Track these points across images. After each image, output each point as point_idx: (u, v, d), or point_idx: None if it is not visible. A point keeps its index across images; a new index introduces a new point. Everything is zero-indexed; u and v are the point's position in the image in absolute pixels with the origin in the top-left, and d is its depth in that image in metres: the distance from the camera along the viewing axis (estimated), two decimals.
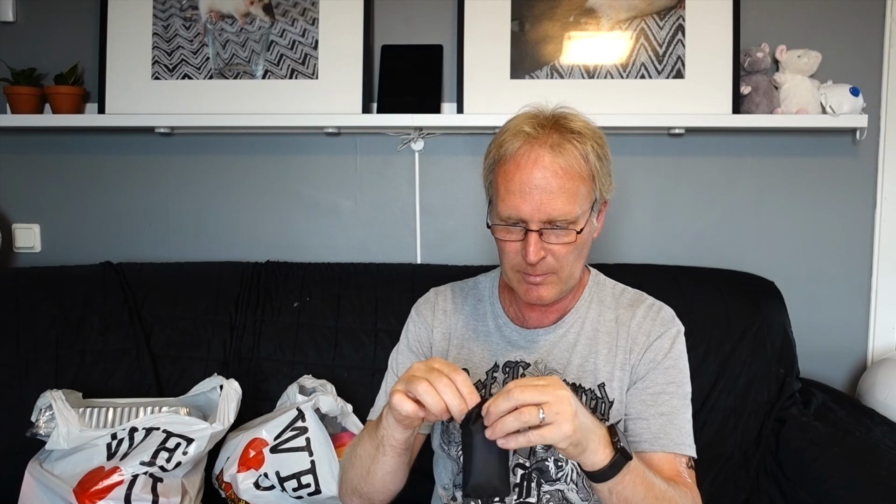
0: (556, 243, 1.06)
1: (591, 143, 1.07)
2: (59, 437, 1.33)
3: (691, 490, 1.07)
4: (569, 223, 1.05)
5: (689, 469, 1.10)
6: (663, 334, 1.14)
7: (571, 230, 1.05)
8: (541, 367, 1.14)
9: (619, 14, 1.84)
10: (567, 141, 1.05)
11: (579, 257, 1.11)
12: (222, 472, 1.44)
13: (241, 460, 1.41)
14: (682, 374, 1.14)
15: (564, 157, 1.04)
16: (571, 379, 1.13)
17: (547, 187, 1.03)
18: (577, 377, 1.13)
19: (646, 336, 1.14)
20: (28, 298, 1.67)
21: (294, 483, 1.39)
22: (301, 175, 1.97)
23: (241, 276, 1.76)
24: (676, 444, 1.09)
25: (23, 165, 1.99)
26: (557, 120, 1.09)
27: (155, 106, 1.89)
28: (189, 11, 1.90)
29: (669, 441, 1.09)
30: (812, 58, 1.80)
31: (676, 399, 1.12)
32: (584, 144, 1.06)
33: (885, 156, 1.88)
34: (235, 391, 1.44)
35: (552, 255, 1.07)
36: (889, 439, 1.43)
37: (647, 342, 1.14)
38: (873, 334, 1.92)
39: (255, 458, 1.41)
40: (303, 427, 1.43)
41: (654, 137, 1.92)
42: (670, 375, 1.13)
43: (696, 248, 1.93)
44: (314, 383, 1.56)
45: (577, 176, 1.05)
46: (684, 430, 1.11)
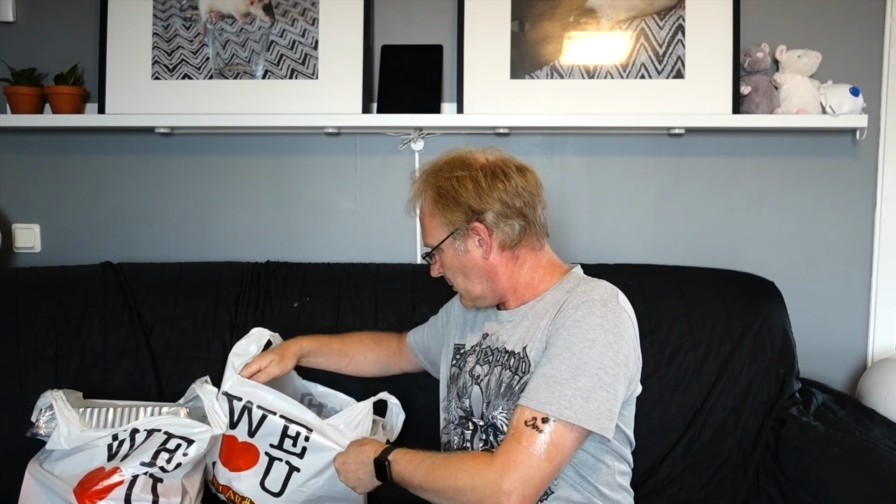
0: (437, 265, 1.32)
1: (431, 187, 1.27)
2: (59, 437, 1.33)
3: (500, 457, 1.09)
4: (431, 249, 1.30)
5: (529, 427, 1.09)
6: (581, 304, 1.17)
7: (433, 256, 1.31)
8: (493, 338, 1.30)
9: (619, 14, 1.84)
10: (422, 187, 1.30)
11: (467, 277, 1.28)
12: (215, 477, 1.44)
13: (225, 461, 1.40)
14: (581, 345, 1.13)
15: (418, 201, 1.31)
16: (510, 347, 1.25)
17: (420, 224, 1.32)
18: (514, 345, 1.25)
19: (566, 304, 1.19)
20: (28, 298, 1.67)
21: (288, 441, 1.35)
22: (301, 175, 1.97)
23: (241, 276, 1.76)
24: (539, 402, 1.10)
25: (23, 165, 1.99)
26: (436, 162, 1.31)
27: (155, 106, 1.89)
28: (189, 11, 1.90)
29: (533, 398, 1.12)
30: (812, 58, 1.80)
31: (565, 364, 1.12)
32: (428, 189, 1.28)
33: (885, 156, 1.88)
34: None
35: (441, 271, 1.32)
36: (889, 439, 1.43)
37: (565, 308, 1.19)
38: (873, 334, 1.92)
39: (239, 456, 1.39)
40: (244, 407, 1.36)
41: (654, 137, 1.92)
42: (568, 342, 1.14)
43: (696, 248, 1.93)
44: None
45: (424, 215, 1.30)
46: (559, 394, 1.10)
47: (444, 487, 1.13)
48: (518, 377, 1.21)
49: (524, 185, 1.24)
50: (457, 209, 1.23)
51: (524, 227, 1.24)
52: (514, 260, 1.26)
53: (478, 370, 1.30)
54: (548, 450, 1.08)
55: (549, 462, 1.09)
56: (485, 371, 1.28)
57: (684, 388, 1.62)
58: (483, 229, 1.23)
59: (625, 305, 1.21)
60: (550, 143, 1.93)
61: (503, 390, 1.23)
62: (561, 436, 1.09)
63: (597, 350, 1.13)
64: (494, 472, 1.08)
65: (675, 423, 1.60)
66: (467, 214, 1.23)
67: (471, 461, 1.13)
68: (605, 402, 1.11)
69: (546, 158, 1.94)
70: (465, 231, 1.24)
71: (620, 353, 1.14)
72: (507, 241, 1.24)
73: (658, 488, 1.56)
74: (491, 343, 1.30)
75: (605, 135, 1.93)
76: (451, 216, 1.24)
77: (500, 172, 1.24)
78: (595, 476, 1.21)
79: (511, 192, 1.23)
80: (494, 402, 1.24)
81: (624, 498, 1.26)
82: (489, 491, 1.07)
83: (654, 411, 1.60)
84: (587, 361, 1.12)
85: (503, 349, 1.26)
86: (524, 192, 1.24)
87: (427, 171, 1.31)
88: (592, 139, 1.93)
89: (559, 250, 1.35)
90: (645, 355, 1.61)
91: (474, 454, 1.19)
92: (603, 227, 1.95)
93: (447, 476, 1.13)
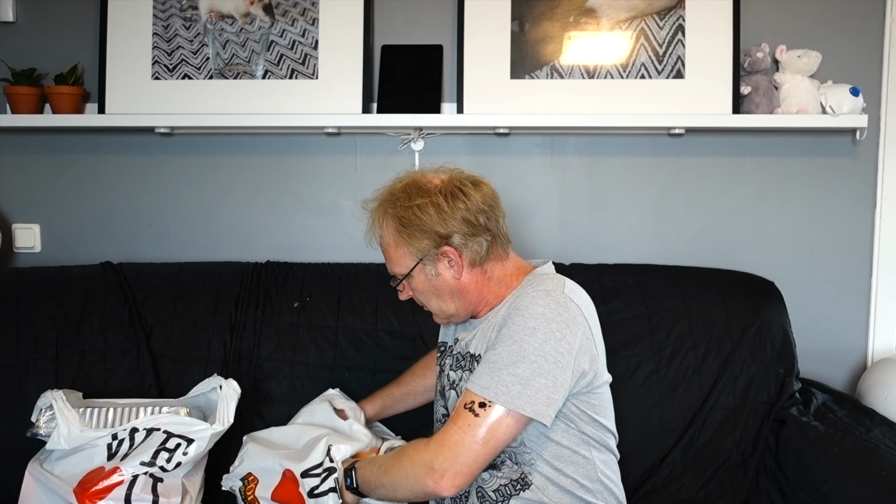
0: (406, 290, 1.31)
1: (389, 218, 1.26)
2: (59, 437, 1.33)
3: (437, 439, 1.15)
4: (398, 278, 1.30)
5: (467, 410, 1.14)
6: (525, 296, 1.21)
7: (401, 283, 1.30)
8: (462, 344, 1.33)
9: (619, 14, 1.84)
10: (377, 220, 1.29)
11: (441, 298, 1.29)
12: (253, 485, 1.42)
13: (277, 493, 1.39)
14: (523, 332, 1.16)
15: (377, 234, 1.30)
16: (473, 350, 1.28)
17: (382, 250, 1.31)
18: (476, 348, 1.28)
19: (516, 299, 1.23)
20: (28, 298, 1.67)
21: None
22: (301, 175, 1.97)
23: (241, 276, 1.76)
24: (478, 387, 1.15)
25: (23, 165, 1.99)
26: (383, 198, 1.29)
27: (155, 106, 1.89)
28: (189, 11, 1.90)
29: (473, 383, 1.17)
30: (812, 58, 1.80)
31: (506, 351, 1.16)
32: (387, 222, 1.27)
33: (885, 156, 1.88)
34: (234, 391, 1.43)
35: (413, 295, 1.32)
36: (889, 439, 1.43)
37: (514, 303, 1.22)
38: (873, 334, 1.92)
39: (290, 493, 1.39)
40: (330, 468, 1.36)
41: (654, 137, 1.92)
42: (512, 330, 1.17)
43: (696, 248, 1.93)
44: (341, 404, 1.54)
45: (386, 245, 1.29)
46: (497, 378, 1.14)
47: (392, 478, 1.20)
48: None
49: (483, 199, 1.25)
50: (422, 237, 1.23)
51: (490, 242, 1.25)
52: (483, 274, 1.27)
53: (452, 374, 1.33)
54: (481, 433, 1.13)
55: (483, 445, 1.13)
56: (457, 376, 1.31)
57: (684, 388, 1.62)
58: (452, 251, 1.24)
59: (571, 295, 1.21)
60: (550, 142, 1.94)
61: None
62: (497, 420, 1.13)
63: (537, 338, 1.15)
64: (430, 451, 1.15)
65: (675, 423, 1.60)
66: (434, 240, 1.23)
67: (412, 447, 1.21)
68: (542, 388, 1.14)
69: (546, 158, 1.94)
70: (434, 256, 1.24)
71: (563, 342, 1.16)
72: (477, 258, 1.25)
73: (658, 488, 1.56)
74: (461, 349, 1.33)
75: (605, 135, 1.93)
76: (417, 244, 1.24)
77: (458, 192, 1.24)
78: (572, 469, 1.22)
79: (473, 209, 1.24)
80: None
81: (609, 490, 1.26)
82: (423, 469, 1.14)
83: (654, 411, 1.60)
84: (526, 349, 1.15)
85: (468, 353, 1.29)
86: (485, 206, 1.25)
87: (382, 200, 1.29)
88: (592, 139, 1.93)
89: (559, 250, 1.35)
90: (645, 355, 1.63)
91: (416, 441, 1.23)
92: (603, 227, 1.95)
93: (393, 465, 1.20)
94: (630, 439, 1.33)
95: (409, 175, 1.30)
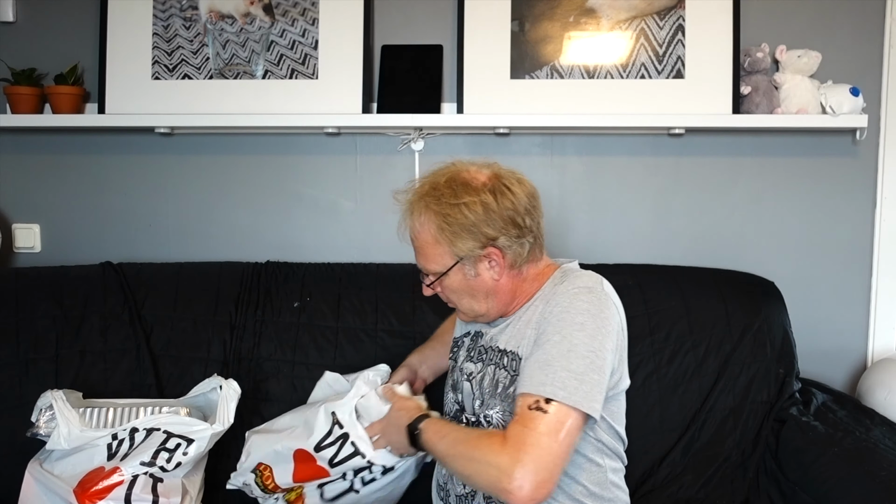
0: (436, 288, 1.27)
1: (432, 216, 1.21)
2: (59, 437, 1.33)
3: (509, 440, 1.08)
4: (429, 274, 1.26)
5: (538, 412, 1.08)
6: (567, 291, 1.18)
7: (433, 279, 1.25)
8: (488, 337, 1.30)
9: (619, 14, 1.84)
10: (417, 213, 1.23)
11: (473, 297, 1.25)
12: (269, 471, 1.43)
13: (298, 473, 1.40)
14: (571, 328, 1.14)
15: (413, 225, 1.24)
16: (503, 346, 1.25)
17: (413, 243, 1.27)
18: (506, 343, 1.25)
19: (554, 296, 1.20)
20: (28, 298, 1.67)
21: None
22: (301, 175, 1.97)
23: (241, 276, 1.76)
24: (536, 385, 1.10)
25: (23, 165, 1.99)
26: (425, 189, 1.24)
27: (155, 106, 1.89)
28: (189, 11, 1.90)
29: (531, 382, 1.12)
30: (812, 58, 1.80)
31: (556, 348, 1.12)
32: (427, 218, 1.21)
33: (885, 156, 1.88)
34: (234, 391, 1.43)
35: (443, 294, 1.28)
36: (889, 439, 1.43)
37: (552, 299, 1.19)
38: (873, 334, 1.92)
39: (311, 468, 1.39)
40: (343, 434, 1.37)
41: (654, 137, 1.92)
42: (557, 327, 1.15)
43: (696, 248, 1.93)
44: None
45: (423, 241, 1.23)
46: (552, 375, 1.10)
47: (464, 464, 1.13)
48: (512, 376, 1.21)
49: (528, 199, 1.23)
50: (468, 238, 1.19)
51: (532, 244, 1.23)
52: (519, 275, 1.25)
53: (469, 367, 1.31)
54: (555, 429, 1.07)
55: (560, 444, 1.07)
56: (477, 369, 1.29)
57: (684, 388, 1.62)
58: (497, 253, 1.20)
59: (610, 293, 1.21)
60: (550, 142, 1.93)
61: (500, 390, 1.23)
62: (564, 415, 1.08)
63: (586, 333, 1.13)
64: (507, 456, 1.06)
65: (675, 423, 1.60)
66: (480, 242, 1.19)
67: (486, 439, 1.12)
68: (596, 384, 1.11)
69: (546, 158, 1.94)
70: (476, 257, 1.20)
71: (608, 339, 1.15)
72: (518, 260, 1.22)
73: (658, 488, 1.56)
74: (485, 342, 1.30)
75: (605, 135, 1.93)
76: (461, 245, 1.19)
77: (506, 190, 1.21)
78: (584, 475, 1.21)
79: (520, 210, 1.21)
80: (489, 401, 1.24)
81: (617, 496, 1.26)
82: (501, 476, 1.05)
83: (654, 411, 1.60)
84: (578, 344, 1.12)
85: (496, 348, 1.27)
86: (529, 206, 1.22)
87: (423, 193, 1.24)
88: (592, 139, 1.93)
89: (559, 250, 1.35)
90: (645, 355, 1.63)
91: (490, 433, 1.16)
92: (603, 227, 1.95)
93: (465, 451, 1.13)
94: (630, 439, 1.33)
95: (451, 168, 1.26)
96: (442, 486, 1.34)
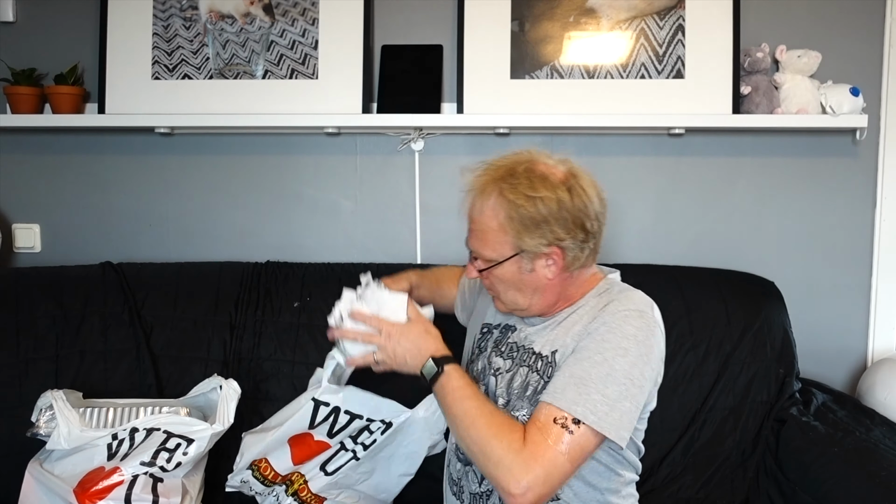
0: (484, 274, 1.22)
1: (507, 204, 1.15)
2: (59, 437, 1.33)
3: (530, 446, 1.06)
4: (483, 260, 1.20)
5: (563, 430, 1.07)
6: (616, 312, 1.16)
7: (485, 265, 1.20)
8: (521, 335, 1.26)
9: (619, 14, 1.84)
10: (487, 197, 1.17)
11: (519, 291, 1.21)
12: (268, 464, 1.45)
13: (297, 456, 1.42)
14: (614, 351, 1.12)
15: (479, 207, 1.19)
16: (538, 349, 1.22)
17: (471, 226, 1.21)
18: (542, 347, 1.22)
19: (602, 312, 1.17)
20: (28, 298, 1.67)
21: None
22: (301, 175, 1.97)
23: (241, 276, 1.76)
24: (566, 401, 1.09)
25: (23, 165, 1.99)
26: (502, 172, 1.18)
27: (155, 106, 1.89)
28: (189, 11, 1.90)
29: (560, 397, 1.10)
30: (812, 58, 1.80)
31: (596, 368, 1.10)
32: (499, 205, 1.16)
33: (885, 156, 1.88)
34: (234, 391, 1.43)
35: (488, 279, 1.23)
36: (889, 439, 1.43)
37: (600, 314, 1.17)
38: (873, 334, 1.92)
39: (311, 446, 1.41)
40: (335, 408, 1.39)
41: (654, 137, 1.92)
42: (600, 347, 1.12)
43: (696, 248, 1.93)
44: None
45: (486, 227, 1.18)
46: (586, 397, 1.08)
47: (476, 441, 1.10)
48: (545, 381, 1.18)
49: (599, 203, 1.19)
50: (536, 233, 1.15)
51: (591, 250, 1.19)
52: (570, 278, 1.21)
53: (497, 361, 1.27)
54: (572, 450, 1.07)
55: (572, 464, 1.08)
56: (506, 366, 1.25)
57: (684, 388, 1.62)
58: (559, 253, 1.16)
59: (658, 319, 1.19)
60: (550, 142, 1.93)
61: (529, 393, 1.19)
62: (586, 439, 1.08)
63: (628, 360, 1.11)
64: (522, 461, 1.06)
65: (675, 423, 1.60)
66: (548, 239, 1.15)
67: (507, 432, 1.09)
68: (627, 412, 1.10)
69: None
70: (537, 253, 1.16)
71: (648, 367, 1.13)
72: (575, 264, 1.18)
73: (658, 488, 1.56)
74: (518, 339, 1.26)
75: (605, 135, 1.93)
76: (527, 239, 1.15)
77: (581, 190, 1.17)
78: (605, 484, 1.21)
79: (590, 214, 1.17)
80: (516, 402, 1.20)
81: (629, 502, 1.26)
82: (509, 475, 1.05)
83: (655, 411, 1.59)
84: (617, 369, 1.10)
85: (530, 349, 1.23)
86: (600, 213, 1.19)
87: (498, 177, 1.18)
88: (592, 139, 1.93)
89: None
90: None
91: (514, 426, 1.11)
92: None
93: (483, 431, 1.10)
94: None
95: (528, 156, 1.20)
96: (456, 482, 1.32)
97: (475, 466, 1.22)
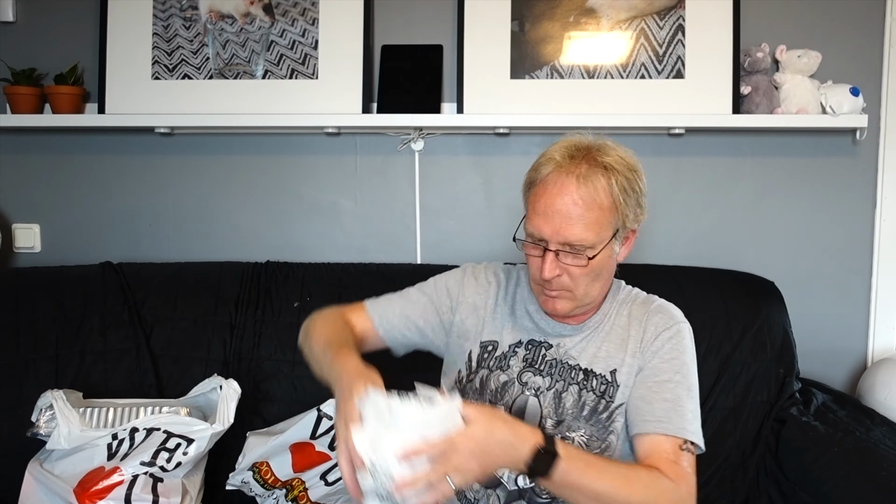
0: (571, 265, 1.14)
1: (618, 176, 1.13)
2: (59, 436, 1.33)
3: (678, 477, 1.08)
4: (585, 248, 1.13)
5: (687, 453, 1.13)
6: (671, 328, 1.22)
7: (584, 255, 1.13)
8: (561, 350, 1.22)
9: (619, 14, 1.84)
10: (594, 173, 1.13)
11: (596, 279, 1.18)
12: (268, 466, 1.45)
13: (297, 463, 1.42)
14: (686, 367, 1.19)
15: (587, 188, 1.12)
16: (585, 364, 1.21)
17: (567, 214, 1.12)
18: (590, 363, 1.21)
19: (654, 327, 1.22)
20: (28, 298, 1.67)
21: None
22: (301, 175, 1.97)
23: (241, 276, 1.76)
24: (678, 429, 1.13)
25: (23, 165, 1.99)
26: (591, 151, 1.16)
27: (155, 106, 1.89)
28: (189, 11, 1.90)
29: (671, 425, 1.13)
30: (812, 58, 1.80)
31: (681, 388, 1.17)
32: (610, 178, 1.13)
33: (885, 156, 1.88)
34: (234, 391, 1.44)
35: (567, 274, 1.15)
36: (889, 439, 1.43)
37: (656, 332, 1.21)
38: (873, 334, 1.92)
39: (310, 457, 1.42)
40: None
41: (654, 137, 1.92)
42: (675, 366, 1.18)
43: (696, 248, 1.93)
44: None
45: (597, 207, 1.12)
46: (686, 418, 1.14)
47: (620, 499, 1.01)
48: (605, 401, 1.18)
49: (645, 186, 1.20)
50: (639, 210, 1.17)
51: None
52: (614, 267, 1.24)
53: (537, 381, 1.21)
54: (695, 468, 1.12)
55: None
56: (546, 384, 1.20)
57: None
58: (634, 235, 1.21)
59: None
60: (550, 142, 1.91)
61: (586, 413, 1.18)
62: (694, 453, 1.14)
63: (692, 371, 1.20)
64: (685, 489, 1.08)
65: None
66: (638, 217, 1.17)
67: (647, 474, 1.06)
68: (699, 418, 1.17)
69: None
70: (625, 233, 1.18)
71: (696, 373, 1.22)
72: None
73: None
74: (556, 355, 1.22)
75: (605, 135, 1.92)
76: (631, 215, 1.15)
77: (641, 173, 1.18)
78: None
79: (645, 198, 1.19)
80: (572, 423, 1.17)
81: None
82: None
83: None
84: (693, 384, 1.19)
85: (575, 366, 1.21)
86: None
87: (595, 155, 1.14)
88: None
89: None
90: None
91: (650, 471, 1.07)
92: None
93: (636, 488, 1.03)
94: None
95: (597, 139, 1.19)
96: (471, 501, 1.23)
97: (499, 490, 1.19)
